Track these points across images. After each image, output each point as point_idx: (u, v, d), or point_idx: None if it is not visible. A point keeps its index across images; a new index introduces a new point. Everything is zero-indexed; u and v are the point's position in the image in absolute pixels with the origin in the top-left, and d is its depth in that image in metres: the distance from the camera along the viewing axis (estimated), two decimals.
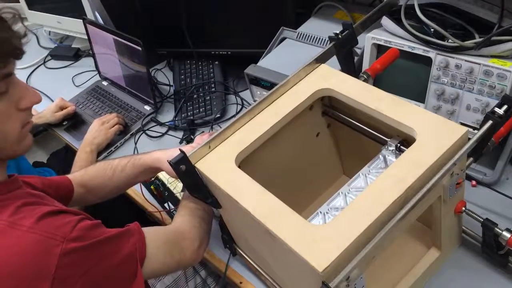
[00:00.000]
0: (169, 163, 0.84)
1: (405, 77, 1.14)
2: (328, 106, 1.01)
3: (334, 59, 1.02)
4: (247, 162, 0.90)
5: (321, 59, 0.98)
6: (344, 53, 1.01)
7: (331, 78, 0.94)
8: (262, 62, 1.31)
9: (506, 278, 0.93)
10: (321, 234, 0.72)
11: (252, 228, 0.83)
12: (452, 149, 0.77)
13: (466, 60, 1.00)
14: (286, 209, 0.77)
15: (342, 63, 1.02)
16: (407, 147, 0.86)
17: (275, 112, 0.91)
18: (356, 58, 1.17)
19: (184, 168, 0.85)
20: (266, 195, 0.79)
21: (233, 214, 0.91)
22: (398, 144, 0.88)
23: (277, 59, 1.30)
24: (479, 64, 0.99)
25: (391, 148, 0.89)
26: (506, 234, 0.85)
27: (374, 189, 0.75)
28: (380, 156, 0.90)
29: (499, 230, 0.86)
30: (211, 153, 0.88)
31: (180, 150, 0.84)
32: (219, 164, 0.86)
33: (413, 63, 1.10)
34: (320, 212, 0.84)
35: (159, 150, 1.06)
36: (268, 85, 1.22)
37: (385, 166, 0.88)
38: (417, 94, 1.12)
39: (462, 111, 1.06)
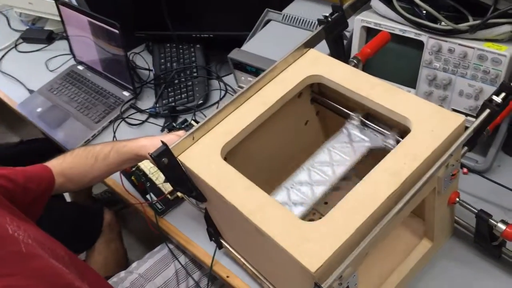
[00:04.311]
0: (150, 156, 0.78)
1: (396, 61, 1.10)
2: (317, 93, 0.97)
3: (322, 43, 0.97)
4: (232, 153, 0.85)
5: (310, 43, 0.93)
6: (333, 37, 0.96)
7: (321, 64, 0.90)
8: (246, 46, 1.25)
9: (499, 269, 0.92)
10: (313, 232, 0.68)
11: (240, 224, 0.79)
12: (448, 140, 0.74)
13: (459, 44, 0.97)
14: (275, 205, 0.73)
15: (331, 48, 0.97)
16: (372, 122, 0.86)
17: (262, 100, 0.87)
18: (345, 42, 1.12)
19: (166, 161, 0.80)
20: (254, 189, 0.75)
21: (219, 209, 0.86)
22: (362, 118, 0.86)
23: (262, 42, 1.24)
24: (473, 48, 0.95)
25: (355, 122, 0.87)
26: (501, 226, 0.82)
27: (368, 183, 0.71)
28: (344, 130, 0.88)
29: (493, 222, 0.83)
30: (195, 144, 0.83)
31: (162, 142, 0.79)
32: (204, 156, 0.81)
33: (404, 47, 1.06)
34: (285, 187, 0.82)
35: (145, 137, 1.01)
36: (254, 70, 1.17)
37: (349, 141, 0.86)
38: (408, 80, 1.08)
39: (454, 97, 1.02)
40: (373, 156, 0.84)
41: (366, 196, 0.70)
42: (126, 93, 1.50)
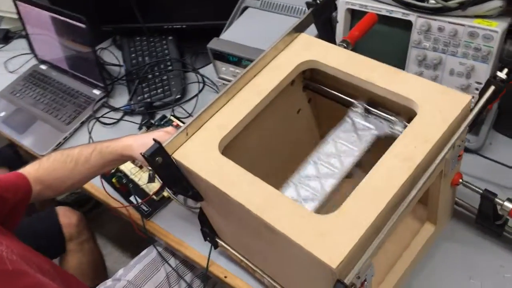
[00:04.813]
0: (143, 156, 0.73)
1: (383, 43, 1.07)
2: (309, 79, 0.93)
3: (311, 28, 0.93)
4: (226, 147, 0.80)
5: (300, 28, 0.88)
6: (322, 20, 0.92)
7: (313, 49, 0.86)
8: (225, 35, 1.19)
9: (500, 247, 0.91)
10: (329, 226, 0.64)
11: (245, 222, 0.75)
12: (457, 120, 0.71)
13: (449, 22, 0.94)
14: (284, 199, 0.69)
15: (321, 32, 0.93)
16: (375, 108, 0.82)
17: (256, 90, 0.82)
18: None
19: (160, 160, 0.74)
20: (258, 184, 0.70)
21: (219, 207, 0.81)
22: (366, 105, 0.83)
23: (242, 31, 1.19)
24: (464, 25, 0.93)
25: (358, 110, 0.84)
26: (508, 205, 0.81)
27: (380, 171, 0.68)
28: (348, 119, 0.84)
29: (500, 201, 0.82)
30: (190, 140, 0.77)
31: (154, 140, 0.73)
32: (201, 152, 0.76)
33: (391, 28, 1.03)
34: (292, 183, 0.78)
35: (128, 136, 0.95)
36: (236, 60, 1.11)
37: (354, 129, 0.83)
38: (397, 61, 1.05)
39: (445, 77, 1.01)
40: (377, 147, 0.81)
41: (380, 184, 0.66)
42: (96, 91, 1.42)
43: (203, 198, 0.81)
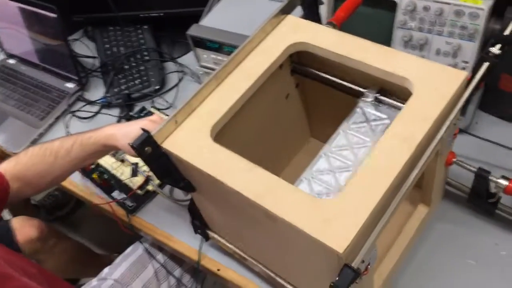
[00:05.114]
0: (132, 146, 0.69)
1: (367, 25, 1.05)
2: (297, 62, 0.90)
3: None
4: (217, 135, 0.77)
5: (287, 9, 0.86)
6: (309, 1, 0.89)
7: (302, 30, 0.83)
8: (205, 21, 1.16)
9: (494, 225, 0.91)
10: (332, 210, 0.62)
11: (241, 211, 0.72)
12: (453, 98, 0.70)
13: (435, 1, 0.93)
14: (284, 185, 0.66)
15: (307, 13, 0.91)
16: (387, 97, 0.80)
17: (246, 74, 0.79)
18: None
19: (150, 150, 0.70)
20: (257, 171, 0.68)
21: (212, 198, 0.78)
22: (377, 95, 0.80)
23: (222, 17, 1.16)
24: (449, 3, 0.92)
25: (369, 100, 0.80)
26: (503, 182, 0.81)
27: (380, 152, 0.66)
28: (358, 109, 0.81)
29: (495, 178, 0.82)
30: (179, 128, 0.74)
31: (143, 129, 0.70)
32: (192, 141, 0.72)
33: (376, 10, 1.02)
34: (305, 178, 0.74)
35: (110, 126, 0.90)
36: (217, 47, 1.08)
37: (365, 120, 0.79)
38: (382, 43, 1.02)
39: (431, 57, 1.00)
40: None
41: (381, 166, 0.64)
42: (70, 85, 1.36)
43: (195, 189, 0.78)
